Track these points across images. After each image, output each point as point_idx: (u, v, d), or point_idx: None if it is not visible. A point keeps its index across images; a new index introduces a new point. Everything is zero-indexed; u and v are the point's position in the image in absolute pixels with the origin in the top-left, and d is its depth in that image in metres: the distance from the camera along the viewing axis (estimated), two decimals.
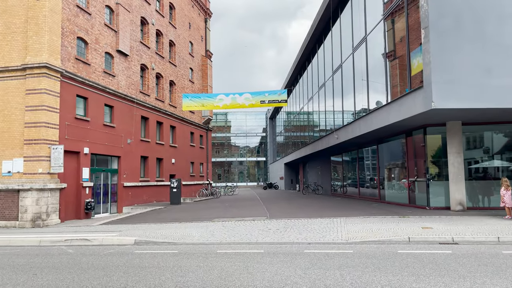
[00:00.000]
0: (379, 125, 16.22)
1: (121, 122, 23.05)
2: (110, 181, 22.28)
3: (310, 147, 31.76)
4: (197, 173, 35.48)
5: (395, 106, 14.67)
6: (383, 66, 17.78)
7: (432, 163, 15.83)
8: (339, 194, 28.86)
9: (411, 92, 13.48)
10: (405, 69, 16.02)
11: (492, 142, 15.91)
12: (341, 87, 23.58)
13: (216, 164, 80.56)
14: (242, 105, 22.50)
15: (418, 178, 16.59)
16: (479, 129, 15.71)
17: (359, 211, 16.22)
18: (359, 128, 18.88)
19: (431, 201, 15.32)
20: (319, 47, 29.89)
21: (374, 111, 16.84)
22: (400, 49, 17.69)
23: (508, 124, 15.12)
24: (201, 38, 37.68)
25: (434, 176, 15.79)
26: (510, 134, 15.69)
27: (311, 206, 19.86)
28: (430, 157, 15.70)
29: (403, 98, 14.08)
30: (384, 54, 17.57)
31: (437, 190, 15.48)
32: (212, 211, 19.42)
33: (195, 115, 35.31)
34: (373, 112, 16.92)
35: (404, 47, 16.34)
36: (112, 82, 22.26)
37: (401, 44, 16.90)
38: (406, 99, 13.73)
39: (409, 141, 17.05)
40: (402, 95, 14.20)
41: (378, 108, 16.39)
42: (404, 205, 17.19)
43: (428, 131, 15.54)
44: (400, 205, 17.40)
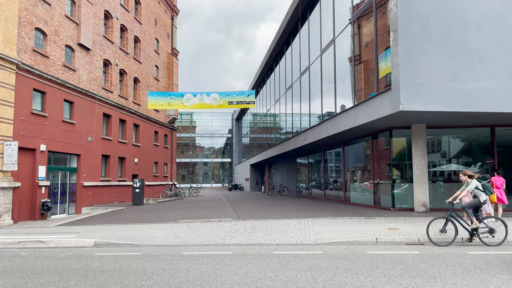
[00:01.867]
0: (347, 127, 16.33)
1: (82, 119, 22.06)
2: (69, 180, 21.25)
3: (277, 149, 31.75)
4: (161, 173, 34.63)
5: (362, 108, 14.79)
6: (349, 70, 17.99)
7: (397, 165, 16.13)
8: (304, 195, 28.97)
9: (379, 94, 13.63)
10: (370, 73, 16.29)
11: (453, 146, 16.40)
12: (308, 89, 23.68)
13: (181, 165, 79.28)
14: (210, 105, 22.09)
15: (382, 180, 16.83)
16: (442, 133, 16.13)
17: (325, 212, 16.24)
18: (326, 130, 18.96)
19: (396, 203, 15.57)
20: (286, 49, 29.96)
21: (342, 112, 16.95)
22: (365, 53, 17.93)
23: (471, 128, 15.62)
24: (168, 35, 36.90)
25: (398, 178, 16.08)
26: (471, 139, 16.23)
27: (278, 207, 19.75)
28: (394, 160, 15.98)
29: (371, 100, 14.22)
30: (352, 58, 17.74)
31: (401, 192, 15.76)
32: (176, 212, 18.89)
33: (159, 113, 34.48)
34: (341, 113, 17.03)
35: (370, 52, 16.62)
36: (72, 76, 21.25)
37: (367, 48, 17.17)
38: (374, 101, 13.86)
39: (375, 144, 17.29)
40: (370, 97, 14.34)
41: (346, 109, 16.51)
42: (369, 206, 17.40)
43: (394, 133, 15.82)
44: (365, 207, 17.59)
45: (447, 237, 9.69)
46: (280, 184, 34.13)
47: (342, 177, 21.00)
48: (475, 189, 9.68)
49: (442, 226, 9.81)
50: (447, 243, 9.40)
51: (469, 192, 9.81)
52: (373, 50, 15.78)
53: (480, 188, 9.69)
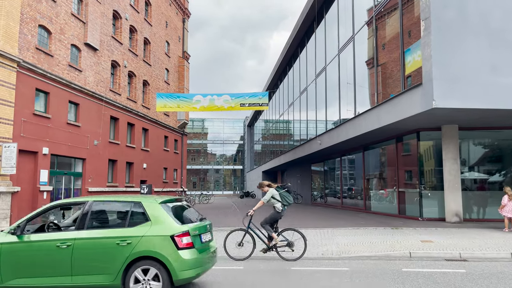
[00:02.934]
0: (368, 129, 15.03)
1: (88, 121, 21.13)
2: (73, 186, 20.27)
3: (290, 154, 30.47)
4: (170, 179, 33.59)
5: (387, 107, 13.48)
6: (366, 73, 16.77)
7: (425, 171, 14.68)
8: (319, 203, 27.58)
9: (407, 91, 12.33)
10: (388, 76, 15.16)
11: (480, 150, 14.95)
12: (324, 91, 22.42)
13: (192, 172, 78.39)
14: (221, 107, 20.96)
15: (408, 187, 15.44)
16: (476, 135, 14.69)
17: (345, 221, 14.89)
18: (346, 132, 17.66)
19: (424, 212, 14.14)
20: (301, 50, 28.80)
21: (363, 113, 15.65)
22: (382, 56, 16.74)
23: (508, 130, 14.14)
24: (179, 38, 36.10)
25: (427, 185, 14.65)
26: (507, 143, 14.74)
27: (293, 216, 18.44)
28: (422, 165, 14.56)
29: (397, 98, 12.92)
30: (374, 56, 16.49)
31: (430, 200, 14.33)
32: None
33: (170, 118, 33.53)
34: (363, 114, 15.73)
35: (387, 54, 15.53)
36: (78, 77, 20.37)
37: (384, 51, 16.13)
38: (401, 99, 12.56)
39: (399, 147, 15.92)
40: (396, 95, 13.03)
41: (368, 110, 15.20)
42: (393, 215, 15.99)
43: (422, 136, 14.42)
44: (388, 216, 16.19)
45: (245, 251, 8.84)
46: (294, 191, 32.77)
47: (362, 184, 19.61)
48: (271, 198, 8.86)
49: (240, 239, 8.91)
50: (243, 257, 8.58)
51: (265, 202, 8.94)
52: (392, 52, 14.54)
53: (277, 197, 8.85)
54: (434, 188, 14.47)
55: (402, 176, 15.74)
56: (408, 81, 13.04)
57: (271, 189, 8.98)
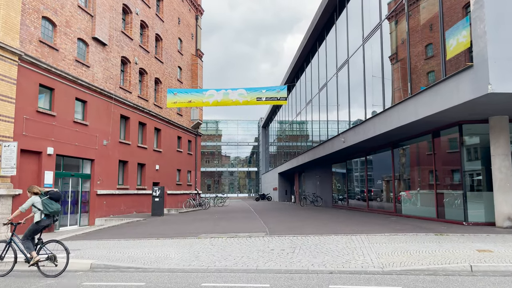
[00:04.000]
0: (402, 123, 13.43)
1: (96, 120, 19.98)
2: (81, 188, 19.11)
3: (309, 154, 28.91)
4: (184, 181, 32.35)
5: (427, 96, 11.86)
6: (388, 69, 15.20)
7: (470, 169, 12.95)
8: (342, 206, 25.94)
9: (452, 76, 10.73)
10: (410, 72, 13.59)
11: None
12: (348, 85, 20.84)
13: (206, 174, 77.31)
14: (236, 102, 19.59)
15: (450, 187, 13.77)
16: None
17: (379, 226, 13.30)
18: (374, 128, 16.07)
19: (469, 215, 12.44)
20: (320, 44, 27.27)
21: (396, 105, 14.03)
22: (402, 51, 15.21)
23: None
24: (191, 35, 34.92)
25: (473, 185, 12.93)
26: None
27: (316, 219, 16.92)
28: (466, 162, 12.85)
29: (438, 86, 11.30)
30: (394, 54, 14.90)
31: (476, 201, 12.63)
32: (198, 224, 16.37)
33: (183, 118, 32.33)
34: (394, 107, 14.12)
35: (405, 50, 13.98)
36: (86, 73, 19.24)
37: (403, 45, 14.72)
38: (445, 86, 10.94)
39: (437, 143, 14.24)
40: (438, 81, 11.41)
41: (402, 101, 13.58)
42: (431, 219, 14.31)
43: (465, 129, 12.72)
44: (425, 220, 14.52)
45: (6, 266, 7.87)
46: (313, 194, 31.17)
47: (392, 185, 17.95)
48: (33, 207, 7.76)
49: (0, 253, 7.72)
50: (4, 272, 7.66)
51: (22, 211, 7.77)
52: (411, 46, 12.94)
53: (38, 206, 7.76)
54: (481, 189, 12.77)
55: (441, 176, 14.05)
56: (430, 77, 11.41)
57: (33, 197, 7.82)
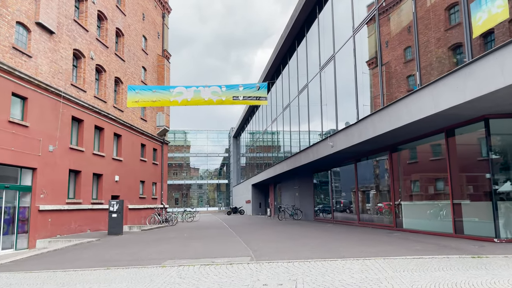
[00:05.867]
0: (415, 118, 11.06)
1: (40, 121, 16.68)
2: (18, 203, 15.66)
3: (288, 163, 26.38)
4: (148, 194, 29.00)
5: (453, 81, 9.52)
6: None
7: (499, 174, 10.61)
8: (326, 219, 23.45)
9: (487, 55, 8.45)
10: (391, 77, 11.54)
11: None
12: (334, 81, 18.55)
13: (173, 187, 73.49)
14: (209, 101, 16.83)
15: (472, 197, 11.47)
16: None
17: (390, 245, 10.77)
18: (373, 129, 13.69)
19: (501, 231, 10.10)
20: (299, 43, 25.07)
21: (406, 97, 11.65)
22: (386, 54, 13.21)
23: None
24: (158, 34, 31.96)
25: (504, 193, 10.61)
26: None
27: (306, 236, 14.25)
28: (495, 165, 10.54)
29: (473, 65, 8.96)
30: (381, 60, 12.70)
31: (509, 213, 10.32)
32: (164, 246, 13.34)
33: (147, 123, 29.13)
34: (405, 98, 11.72)
35: (391, 52, 11.95)
36: (26, 64, 15.98)
37: (387, 49, 13.38)
38: (481, 65, 8.63)
39: (452, 143, 11.94)
40: (468, 62, 9.11)
41: (416, 90, 11.21)
42: (446, 235, 11.92)
43: (493, 125, 10.43)
44: (438, 236, 12.14)
45: None
46: (292, 206, 28.58)
47: (390, 195, 15.57)
48: None
49: None
50: None
51: None
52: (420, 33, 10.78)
53: None
54: None
55: (458, 183, 11.73)
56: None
57: None
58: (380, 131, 13.21)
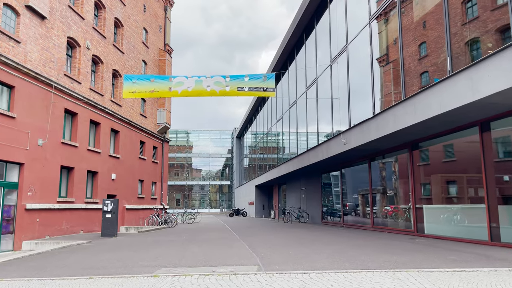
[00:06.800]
0: (447, 108, 9.65)
1: (28, 112, 15.37)
2: (3, 201, 14.33)
3: (294, 163, 24.99)
4: (147, 194, 27.65)
5: (498, 64, 8.12)
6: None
7: None
8: (335, 223, 22.03)
9: None
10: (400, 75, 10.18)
11: None
12: (346, 74, 17.18)
13: (175, 188, 72.16)
14: (211, 92, 15.47)
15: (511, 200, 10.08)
16: None
17: (419, 253, 9.35)
18: (394, 122, 12.27)
19: None
20: (307, 37, 23.72)
21: (436, 84, 10.26)
22: (394, 52, 12.23)
23: None
24: (159, 28, 30.68)
25: None
26: None
27: (318, 241, 12.84)
28: None
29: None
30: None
31: None
32: (160, 249, 11.97)
33: (147, 120, 27.81)
34: (434, 86, 10.32)
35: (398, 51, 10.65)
36: (14, 50, 14.69)
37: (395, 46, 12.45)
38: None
39: (487, 139, 10.52)
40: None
41: (449, 77, 9.81)
42: (480, 242, 10.49)
43: None
44: (469, 243, 10.72)
45: None
46: (298, 208, 27.14)
47: (411, 197, 14.13)
48: None
49: None
50: None
51: None
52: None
53: None
54: None
55: (494, 184, 10.29)
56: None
57: None
58: (402, 124, 11.82)
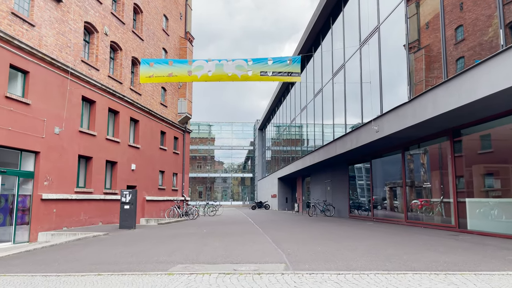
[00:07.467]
0: (499, 87, 8.43)
1: (44, 99, 14.82)
2: (18, 191, 13.84)
3: (320, 154, 23.87)
4: (168, 186, 27.08)
5: None
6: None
7: None
8: (363, 216, 20.87)
9: None
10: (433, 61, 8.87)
11: None
12: (377, 57, 15.93)
13: (197, 181, 72.02)
14: (233, 76, 14.53)
15: None
16: None
17: (470, 253, 8.20)
18: (434, 106, 11.02)
19: None
20: (333, 21, 22.43)
21: (487, 60, 9.00)
22: (426, 37, 11.25)
23: None
24: (180, 15, 29.91)
25: None
26: None
27: (350, 237, 11.78)
28: None
29: None
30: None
31: None
32: (177, 243, 11.17)
33: (168, 109, 27.17)
34: (485, 62, 9.07)
35: (432, 35, 9.40)
36: (28, 34, 14.10)
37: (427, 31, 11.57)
38: None
39: None
40: None
41: (503, 50, 8.57)
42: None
43: None
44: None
45: None
46: (323, 201, 26.04)
47: (451, 190, 12.87)
48: None
49: None
50: None
51: None
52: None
53: None
54: None
55: None
56: None
57: None
58: (443, 108, 10.58)
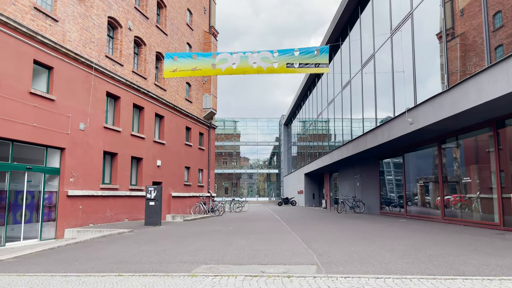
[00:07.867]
0: None
1: (68, 95, 14.72)
2: (43, 188, 13.80)
3: (349, 148, 23.06)
4: (194, 182, 26.88)
5: None
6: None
7: None
8: (395, 213, 19.98)
9: None
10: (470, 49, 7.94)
11: None
12: (411, 42, 15.01)
13: (223, 177, 72.04)
14: (258, 69, 14.00)
15: None
16: None
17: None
18: (478, 94, 10.15)
19: None
20: (362, 10, 21.52)
21: None
22: (460, 24, 10.52)
23: None
24: (204, 9, 29.57)
25: None
26: None
27: (385, 237, 11.07)
28: None
29: None
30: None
31: None
32: (203, 241, 10.77)
33: (193, 105, 26.92)
34: None
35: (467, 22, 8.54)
36: (52, 29, 13.99)
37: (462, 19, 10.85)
38: None
39: None
40: None
41: None
42: None
43: None
44: None
45: None
46: (353, 198, 25.24)
47: (496, 185, 11.96)
48: None
49: None
50: None
51: None
52: None
53: None
54: None
55: None
56: None
57: None
58: (488, 96, 9.71)
